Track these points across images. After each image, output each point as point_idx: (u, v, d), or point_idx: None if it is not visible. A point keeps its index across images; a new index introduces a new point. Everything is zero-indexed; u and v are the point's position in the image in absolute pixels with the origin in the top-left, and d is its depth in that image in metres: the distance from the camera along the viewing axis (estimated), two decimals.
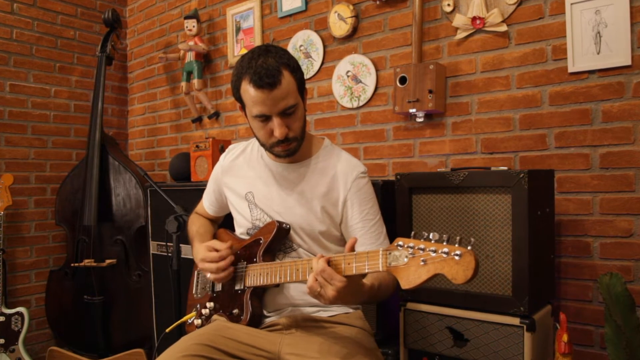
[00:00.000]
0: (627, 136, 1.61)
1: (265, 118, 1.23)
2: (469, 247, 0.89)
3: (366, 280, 1.18)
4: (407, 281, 0.95)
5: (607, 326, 1.39)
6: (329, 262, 1.07)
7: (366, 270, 1.03)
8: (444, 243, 0.92)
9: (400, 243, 0.98)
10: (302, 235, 1.34)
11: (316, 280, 1.07)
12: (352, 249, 1.09)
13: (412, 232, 0.99)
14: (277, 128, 1.23)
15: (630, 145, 1.60)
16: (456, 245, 0.90)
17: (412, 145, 2.08)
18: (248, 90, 1.21)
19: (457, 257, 0.88)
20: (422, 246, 0.94)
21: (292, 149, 1.29)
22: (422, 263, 0.93)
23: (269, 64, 1.19)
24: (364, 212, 1.32)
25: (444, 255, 0.90)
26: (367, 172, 1.37)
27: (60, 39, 3.08)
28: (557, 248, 1.72)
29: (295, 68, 1.24)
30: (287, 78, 1.20)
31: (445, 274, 0.90)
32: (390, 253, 0.99)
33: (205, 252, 1.34)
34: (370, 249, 1.29)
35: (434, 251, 0.92)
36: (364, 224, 1.31)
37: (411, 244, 0.96)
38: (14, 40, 2.87)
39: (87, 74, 3.19)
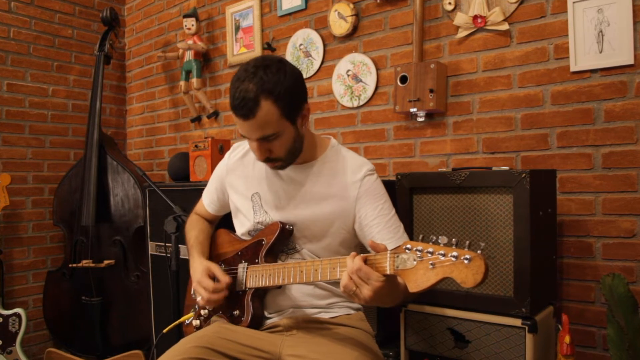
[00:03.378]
0: (629, 136, 1.59)
1: (248, 137, 1.24)
2: (478, 251, 0.89)
3: (400, 280, 1.13)
4: (416, 284, 0.95)
5: (610, 327, 1.39)
6: (365, 261, 1.03)
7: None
8: (453, 247, 0.92)
9: (409, 246, 0.97)
10: (307, 236, 1.32)
11: (351, 279, 1.03)
12: (374, 249, 1.06)
13: (421, 236, 0.99)
14: (256, 151, 1.24)
15: (633, 145, 1.59)
16: (465, 249, 0.90)
17: (413, 144, 2.07)
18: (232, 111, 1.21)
19: (466, 261, 0.89)
20: (430, 249, 0.94)
21: (277, 167, 1.30)
22: (430, 266, 0.93)
23: (248, 93, 1.14)
24: (377, 208, 1.29)
25: (453, 259, 0.90)
26: (374, 169, 1.35)
27: (58, 37, 3.06)
28: (559, 248, 1.70)
29: (281, 95, 1.16)
30: (265, 108, 1.15)
31: (454, 277, 0.90)
32: (397, 256, 0.98)
33: (202, 276, 1.31)
34: (390, 244, 1.24)
35: (443, 255, 0.92)
36: (379, 220, 1.28)
37: (419, 247, 0.95)
38: (12, 39, 2.85)
39: (85, 73, 3.17)
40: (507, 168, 1.52)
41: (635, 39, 1.57)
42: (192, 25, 2.72)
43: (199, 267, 1.35)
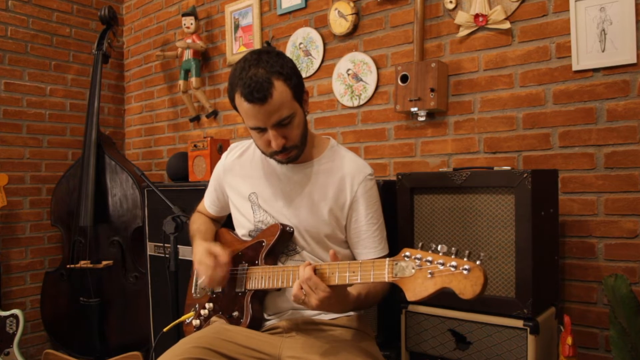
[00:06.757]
0: (632, 135, 1.58)
1: (260, 129, 1.21)
2: (477, 262, 0.87)
3: (352, 290, 1.17)
4: (413, 293, 0.93)
5: (612, 329, 1.38)
6: (315, 270, 1.07)
7: (371, 280, 1.02)
8: (453, 256, 0.90)
9: (407, 254, 0.96)
10: (306, 237, 1.31)
11: (301, 288, 1.08)
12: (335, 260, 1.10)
13: (420, 243, 0.98)
14: (273, 140, 1.20)
15: (636, 145, 1.58)
16: (465, 259, 0.88)
17: (414, 144, 2.06)
18: (241, 104, 1.19)
19: (465, 272, 0.87)
20: (429, 258, 0.92)
21: (292, 157, 1.27)
22: (429, 276, 0.91)
23: (259, 76, 1.14)
24: (369, 215, 1.30)
25: (452, 269, 0.88)
26: (374, 173, 1.35)
27: (56, 36, 3.04)
28: (561, 249, 1.69)
29: (289, 75, 1.18)
30: (279, 89, 1.16)
31: (452, 288, 0.88)
32: (396, 263, 0.97)
33: (203, 255, 1.30)
34: (370, 253, 1.30)
35: (442, 264, 0.90)
36: (368, 227, 1.30)
37: (418, 255, 0.94)
38: (9, 38, 2.84)
39: (83, 72, 3.15)
40: (508, 168, 1.51)
41: (638, 37, 1.56)
42: (191, 23, 2.70)
43: (199, 248, 1.34)
